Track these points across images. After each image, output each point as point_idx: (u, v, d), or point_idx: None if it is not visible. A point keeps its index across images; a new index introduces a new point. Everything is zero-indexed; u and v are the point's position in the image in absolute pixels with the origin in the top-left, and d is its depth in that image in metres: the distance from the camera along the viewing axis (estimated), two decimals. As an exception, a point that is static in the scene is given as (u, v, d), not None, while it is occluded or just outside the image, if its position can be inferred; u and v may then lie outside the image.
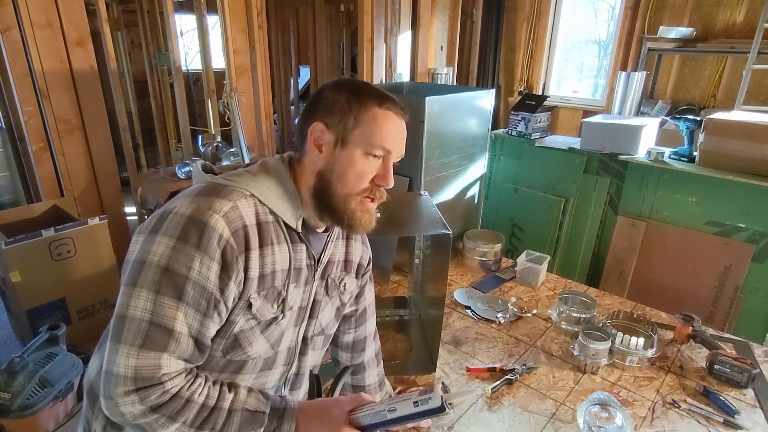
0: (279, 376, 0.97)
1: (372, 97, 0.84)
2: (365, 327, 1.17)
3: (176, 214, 0.77)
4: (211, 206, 0.77)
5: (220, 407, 0.79)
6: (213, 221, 0.76)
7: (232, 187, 0.82)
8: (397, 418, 0.81)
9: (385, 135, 0.84)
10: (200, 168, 0.89)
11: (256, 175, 0.86)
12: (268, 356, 0.91)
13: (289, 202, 0.86)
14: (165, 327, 0.74)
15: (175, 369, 0.76)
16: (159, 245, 0.75)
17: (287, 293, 0.88)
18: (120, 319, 0.75)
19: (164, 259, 0.74)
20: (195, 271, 0.75)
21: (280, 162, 0.89)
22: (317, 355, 1.05)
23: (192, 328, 0.76)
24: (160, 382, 0.74)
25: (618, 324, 1.61)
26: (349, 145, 0.83)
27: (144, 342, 0.73)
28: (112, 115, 2.71)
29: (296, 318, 0.94)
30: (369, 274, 1.13)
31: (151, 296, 0.74)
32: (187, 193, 0.83)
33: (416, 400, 0.81)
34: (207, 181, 0.85)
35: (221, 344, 0.84)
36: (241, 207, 0.80)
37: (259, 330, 0.87)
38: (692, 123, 2.39)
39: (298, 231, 0.87)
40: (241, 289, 0.81)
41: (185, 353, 0.76)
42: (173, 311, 0.74)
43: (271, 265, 0.84)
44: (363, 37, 3.48)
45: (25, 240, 2.15)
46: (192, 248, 0.74)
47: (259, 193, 0.84)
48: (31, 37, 2.34)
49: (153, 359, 0.73)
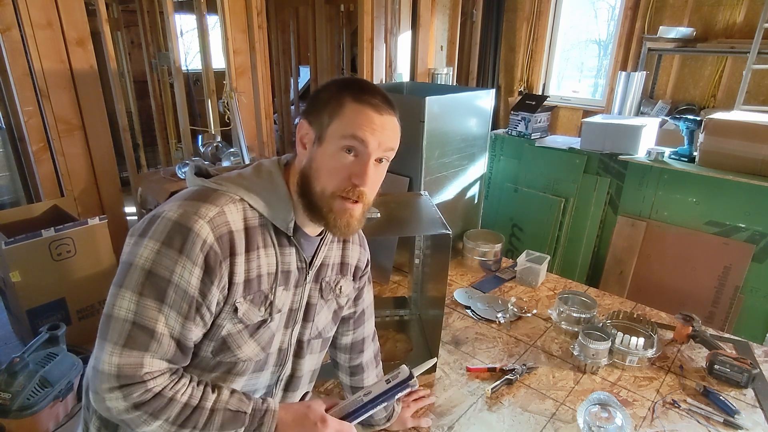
0: (270, 377, 0.97)
1: (350, 92, 0.81)
2: (363, 328, 1.16)
3: (164, 219, 0.77)
4: (197, 212, 0.78)
5: (202, 407, 0.80)
6: (198, 227, 0.76)
7: (221, 191, 0.82)
8: (374, 398, 0.91)
9: (357, 124, 0.79)
10: (193, 171, 0.88)
11: (248, 178, 0.86)
12: (260, 358, 0.91)
13: (280, 205, 0.85)
14: (147, 328, 0.75)
15: (157, 369, 0.77)
16: (145, 248, 0.76)
17: (275, 296, 0.88)
18: (107, 318, 0.76)
19: (149, 263, 0.75)
20: (177, 275, 0.76)
21: (274, 164, 0.89)
22: (316, 358, 1.05)
23: (173, 330, 0.77)
24: (143, 380, 0.75)
25: (618, 324, 1.61)
26: (326, 141, 0.82)
27: (127, 341, 0.74)
28: (112, 115, 2.70)
29: (287, 320, 0.94)
30: (368, 276, 1.12)
31: (135, 297, 0.75)
32: (177, 197, 0.83)
33: (387, 378, 0.93)
34: (198, 185, 0.85)
35: (210, 346, 0.85)
36: (228, 212, 0.80)
37: (247, 333, 0.87)
38: (692, 123, 2.39)
39: (288, 234, 0.87)
40: (225, 293, 0.81)
41: (167, 354, 0.77)
42: (155, 313, 0.76)
43: (257, 270, 0.84)
44: (363, 37, 3.49)
45: (25, 240, 2.15)
46: (175, 253, 0.75)
47: (249, 197, 0.83)
48: (31, 37, 2.34)
49: (135, 358, 0.75)
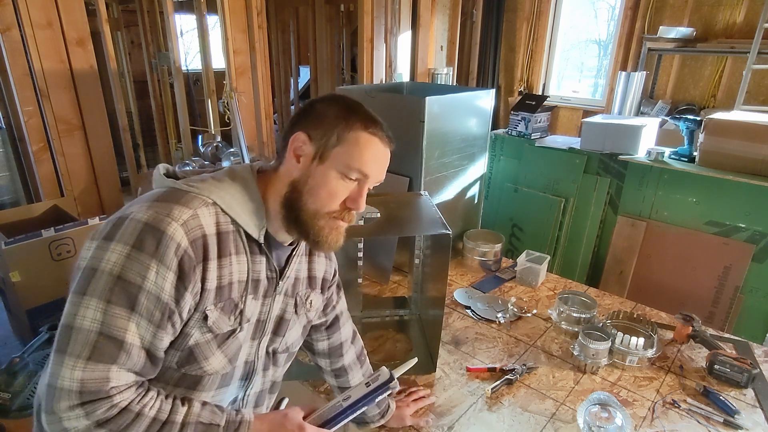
0: (236, 392, 0.94)
1: (360, 119, 0.82)
2: (339, 334, 1.15)
3: (132, 220, 0.73)
4: (169, 213, 0.74)
5: (172, 421, 0.75)
6: (171, 229, 0.72)
7: (193, 193, 0.78)
8: (354, 402, 0.86)
9: (365, 159, 0.81)
10: (162, 172, 0.83)
11: (220, 181, 0.82)
12: (226, 371, 0.88)
13: (253, 211, 0.83)
14: (115, 338, 0.70)
15: (125, 382, 0.72)
16: (113, 252, 0.71)
17: (244, 305, 0.85)
18: (66, 330, 0.70)
19: (117, 267, 0.70)
20: (150, 280, 0.71)
21: (248, 170, 0.86)
22: (279, 371, 1.03)
23: (144, 340, 0.73)
24: (108, 395, 0.70)
25: (618, 324, 1.61)
26: (327, 162, 0.81)
27: (92, 354, 0.69)
28: (112, 115, 2.71)
29: (254, 331, 0.90)
30: (336, 284, 1.11)
31: (102, 305, 0.70)
32: (145, 197, 0.78)
33: (367, 381, 0.87)
34: (168, 186, 0.80)
35: (176, 356, 0.81)
36: (202, 215, 0.77)
37: (216, 344, 0.83)
38: (692, 123, 2.39)
39: (259, 242, 0.84)
40: (197, 300, 0.78)
41: (136, 366, 0.73)
42: (125, 322, 0.71)
43: (228, 276, 0.81)
44: (363, 37, 3.49)
45: (25, 240, 2.15)
46: (147, 257, 0.71)
47: (222, 201, 0.80)
48: (31, 37, 2.34)
49: (101, 372, 0.69)
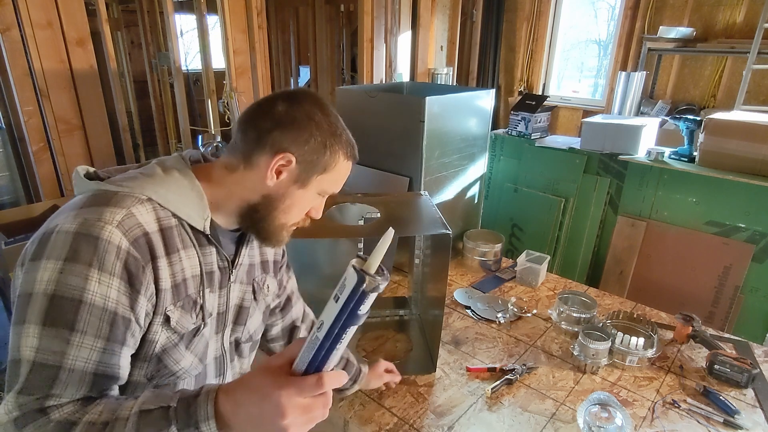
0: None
1: (342, 146, 0.82)
2: (291, 312, 1.14)
3: (60, 233, 0.66)
4: (100, 217, 0.67)
5: (112, 419, 0.64)
6: (106, 233, 0.66)
7: (124, 192, 0.72)
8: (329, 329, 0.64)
9: (340, 180, 0.86)
10: (82, 174, 0.76)
11: (152, 176, 0.76)
12: (198, 372, 0.85)
13: (194, 202, 0.78)
14: (50, 365, 0.63)
15: (66, 400, 0.65)
16: (44, 271, 0.64)
17: (204, 300, 0.81)
18: (13, 365, 0.65)
19: (51, 285, 0.64)
20: (90, 292, 0.65)
21: (179, 161, 0.81)
22: (246, 363, 1.01)
23: (88, 362, 0.65)
24: (45, 414, 0.63)
25: (618, 324, 1.61)
26: (308, 186, 0.82)
27: (23, 387, 0.63)
28: (112, 115, 2.71)
29: (216, 325, 0.88)
30: (286, 264, 1.10)
31: (37, 331, 0.63)
32: (69, 206, 0.71)
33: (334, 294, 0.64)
34: (92, 190, 0.74)
35: (143, 368, 0.75)
36: (138, 213, 0.71)
37: (183, 345, 0.80)
38: (692, 123, 2.39)
39: (205, 233, 0.80)
40: (154, 302, 0.73)
41: (78, 392, 0.65)
42: (61, 345, 0.64)
43: (181, 273, 0.77)
44: (363, 37, 3.49)
45: (25, 240, 2.15)
46: (84, 267, 0.65)
47: (158, 195, 0.74)
48: (31, 37, 2.34)
49: (34, 404, 0.63)
